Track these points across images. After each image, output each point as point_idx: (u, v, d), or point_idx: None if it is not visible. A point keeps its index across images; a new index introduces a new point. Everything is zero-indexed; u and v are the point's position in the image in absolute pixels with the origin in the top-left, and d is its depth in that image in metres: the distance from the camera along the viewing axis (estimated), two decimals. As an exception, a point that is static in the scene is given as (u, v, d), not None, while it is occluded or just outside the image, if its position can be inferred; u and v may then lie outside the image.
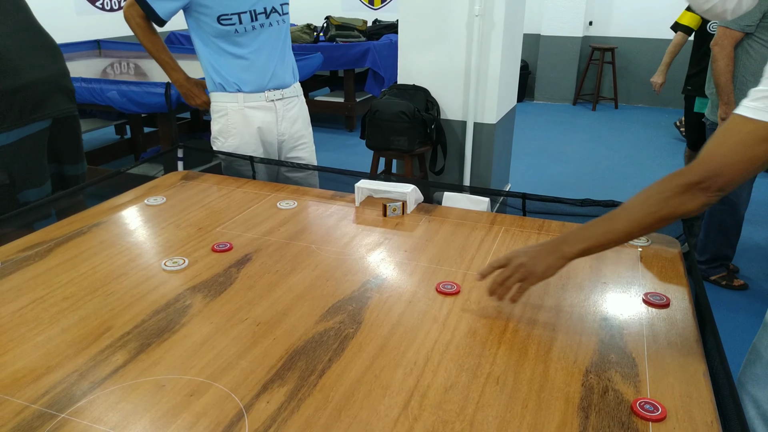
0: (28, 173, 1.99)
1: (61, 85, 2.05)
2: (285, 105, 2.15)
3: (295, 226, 1.56)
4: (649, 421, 0.87)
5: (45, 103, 1.97)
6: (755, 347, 1.35)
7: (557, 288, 1.24)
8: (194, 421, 0.87)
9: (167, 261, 1.34)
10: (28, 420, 0.87)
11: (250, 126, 2.10)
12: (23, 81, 1.90)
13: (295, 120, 2.19)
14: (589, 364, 0.99)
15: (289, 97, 2.16)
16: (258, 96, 2.08)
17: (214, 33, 1.99)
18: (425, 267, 1.34)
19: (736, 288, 2.87)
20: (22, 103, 1.90)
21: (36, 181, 2.01)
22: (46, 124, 2.01)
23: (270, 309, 1.16)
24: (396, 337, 1.07)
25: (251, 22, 1.98)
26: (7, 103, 1.86)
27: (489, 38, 2.92)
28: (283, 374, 0.97)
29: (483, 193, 1.72)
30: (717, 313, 1.73)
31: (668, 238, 1.48)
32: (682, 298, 1.21)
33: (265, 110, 2.11)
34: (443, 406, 0.90)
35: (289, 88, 2.16)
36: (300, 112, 2.22)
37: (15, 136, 1.91)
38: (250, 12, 1.96)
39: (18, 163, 1.94)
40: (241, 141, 2.11)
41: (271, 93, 2.09)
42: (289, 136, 2.19)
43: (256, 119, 2.10)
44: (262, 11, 2.00)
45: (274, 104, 2.11)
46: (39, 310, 1.15)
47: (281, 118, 2.15)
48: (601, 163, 4.87)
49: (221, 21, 1.94)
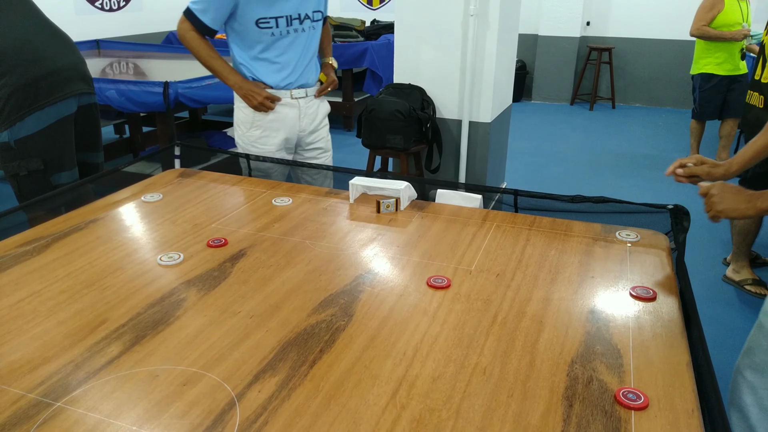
0: (60, 158, 2.13)
1: (81, 71, 2.19)
2: (307, 102, 2.25)
3: (289, 222, 1.58)
4: (632, 409, 0.89)
5: (69, 86, 2.12)
6: (755, 335, 1.38)
7: (546, 282, 1.26)
8: (187, 409, 0.89)
9: (163, 256, 1.37)
10: (25, 408, 0.89)
11: (273, 120, 2.19)
12: (47, 69, 2.04)
13: (315, 116, 2.30)
14: (575, 355, 1.02)
15: (311, 95, 2.26)
16: (284, 93, 2.18)
17: (250, 36, 2.08)
18: (417, 262, 1.36)
19: None
20: (47, 90, 2.04)
21: (67, 165, 2.16)
22: (71, 110, 2.14)
23: (263, 302, 1.18)
24: (386, 329, 1.09)
25: (287, 27, 2.09)
26: (33, 89, 2.01)
27: (484, 37, 2.94)
28: (274, 365, 0.99)
29: (475, 190, 1.74)
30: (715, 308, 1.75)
31: (657, 233, 1.50)
32: (669, 292, 1.23)
33: (289, 107, 2.21)
34: (430, 395, 0.92)
35: (313, 88, 2.27)
36: (320, 108, 2.32)
37: (44, 122, 2.05)
38: (287, 17, 2.08)
39: (50, 149, 2.08)
40: (263, 133, 2.20)
41: (297, 91, 2.20)
42: (308, 131, 2.30)
43: (279, 113, 2.19)
44: (297, 17, 2.10)
45: (297, 102, 2.21)
46: (36, 303, 1.17)
47: (303, 115, 2.24)
48: (598, 162, 4.90)
49: (259, 24, 2.05)
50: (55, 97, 2.05)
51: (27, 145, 2.03)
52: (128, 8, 6.13)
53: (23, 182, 2.08)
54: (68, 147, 2.16)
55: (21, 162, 2.04)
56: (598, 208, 1.61)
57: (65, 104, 2.10)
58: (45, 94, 2.03)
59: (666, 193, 4.04)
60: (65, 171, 2.15)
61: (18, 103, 1.99)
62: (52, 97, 2.05)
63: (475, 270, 1.31)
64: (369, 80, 5.55)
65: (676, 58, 6.62)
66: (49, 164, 2.09)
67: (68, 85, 2.11)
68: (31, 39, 2.03)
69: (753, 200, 1.30)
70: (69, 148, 2.16)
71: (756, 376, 1.40)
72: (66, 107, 2.10)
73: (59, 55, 2.10)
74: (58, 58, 2.09)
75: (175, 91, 3.14)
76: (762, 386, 1.39)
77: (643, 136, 5.70)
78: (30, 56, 2.01)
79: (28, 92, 2.00)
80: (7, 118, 2.00)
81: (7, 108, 1.99)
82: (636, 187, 4.31)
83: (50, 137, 2.08)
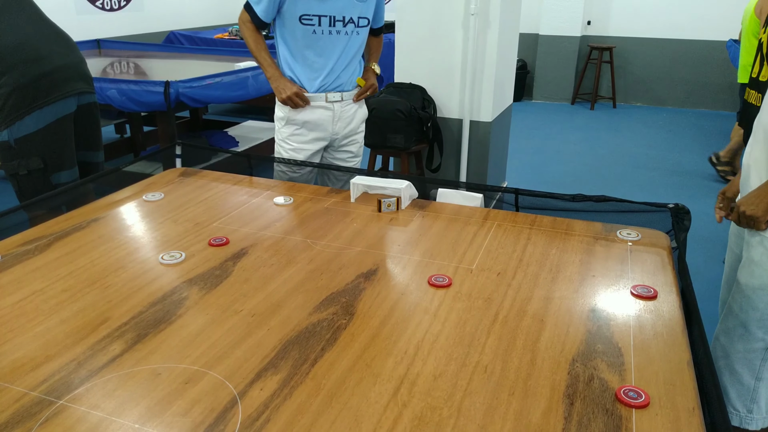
0: (60, 157, 2.13)
1: (81, 70, 2.20)
2: (343, 106, 2.26)
3: (291, 222, 1.58)
4: (633, 407, 0.89)
5: (69, 85, 2.12)
6: (730, 304, 1.48)
7: (547, 281, 1.26)
8: (189, 407, 0.89)
9: (164, 255, 1.37)
10: (27, 406, 0.89)
11: (307, 120, 2.21)
12: (47, 68, 2.05)
13: (350, 120, 2.31)
14: (576, 354, 1.02)
15: (348, 99, 2.27)
16: (319, 96, 2.20)
17: (294, 32, 2.11)
18: (418, 261, 1.36)
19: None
20: (47, 89, 2.05)
21: (66, 164, 2.16)
22: (71, 109, 2.15)
23: (265, 301, 1.18)
24: (387, 328, 1.09)
25: (329, 27, 2.11)
26: (33, 88, 2.01)
27: (485, 37, 2.94)
28: (276, 363, 0.99)
29: (476, 189, 1.74)
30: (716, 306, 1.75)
31: (658, 233, 1.50)
32: (670, 290, 1.23)
33: (324, 109, 2.22)
34: (432, 393, 0.92)
35: (349, 92, 2.27)
36: (357, 113, 2.33)
37: (44, 121, 2.05)
38: (330, 17, 2.10)
39: (49, 148, 2.09)
40: (296, 130, 2.22)
41: (332, 95, 2.21)
42: (342, 135, 2.31)
43: (313, 114, 2.21)
44: (341, 19, 2.12)
45: (332, 105, 2.22)
46: (38, 301, 1.18)
47: (337, 118, 2.26)
48: (599, 162, 4.90)
49: (302, 20, 2.08)
50: (54, 96, 2.06)
51: (27, 144, 2.04)
52: (129, 8, 6.13)
53: (23, 181, 2.09)
54: (68, 146, 2.16)
55: (21, 161, 2.04)
56: (599, 207, 1.61)
57: (65, 103, 2.10)
58: (45, 93, 2.04)
59: (667, 192, 4.04)
60: (65, 170, 2.16)
61: (18, 103, 2.00)
62: (51, 96, 2.05)
63: (476, 269, 1.32)
64: (370, 80, 5.55)
65: (678, 57, 6.62)
66: (49, 163, 2.10)
67: (68, 85, 2.11)
68: (31, 38, 2.04)
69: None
70: (69, 147, 2.17)
71: (727, 340, 1.46)
72: (66, 106, 2.11)
73: (59, 55, 2.11)
74: (58, 57, 2.10)
75: (175, 91, 3.14)
76: (732, 350, 1.45)
77: (644, 135, 5.69)
78: (30, 55, 2.01)
79: (28, 91, 2.00)
80: (7, 117, 2.00)
81: (7, 107, 1.99)
82: (637, 186, 4.30)
83: (50, 136, 2.08)
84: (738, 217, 1.41)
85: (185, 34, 6.20)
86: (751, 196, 1.38)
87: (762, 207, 1.35)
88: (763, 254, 1.38)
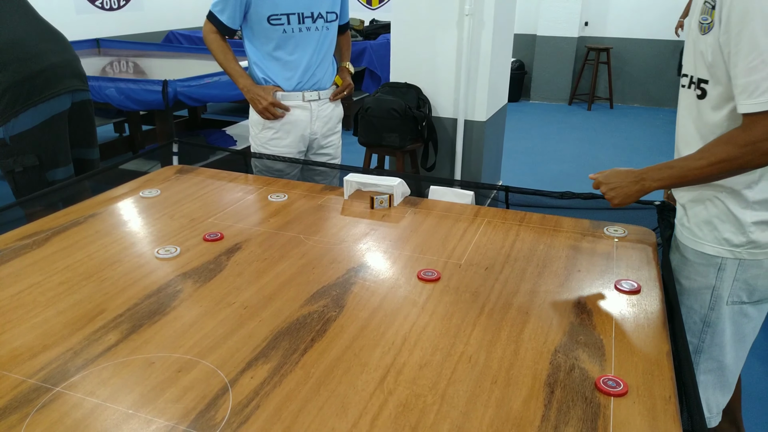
0: (55, 154, 2.16)
1: (74, 68, 2.22)
2: (320, 105, 2.25)
3: (284, 218, 1.61)
4: (611, 395, 0.92)
5: (62, 83, 2.15)
6: None
7: (533, 275, 1.29)
8: (181, 394, 0.92)
9: (160, 249, 1.40)
10: (25, 393, 0.92)
11: (284, 121, 2.21)
12: (41, 66, 2.07)
13: (328, 120, 2.30)
14: (559, 345, 1.05)
15: (325, 98, 2.27)
16: (296, 95, 2.19)
17: (263, 34, 2.11)
18: (408, 256, 1.39)
19: None
20: (41, 86, 2.07)
21: (62, 161, 2.19)
22: (65, 106, 2.17)
23: (257, 294, 1.21)
24: (376, 320, 1.12)
25: (299, 24, 2.11)
26: (27, 86, 2.04)
27: (479, 37, 2.97)
28: (267, 353, 1.02)
29: (467, 186, 1.77)
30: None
31: (644, 229, 1.53)
32: (653, 285, 1.26)
33: (301, 109, 2.21)
34: (417, 381, 0.95)
35: (326, 90, 2.26)
36: (334, 112, 2.32)
37: (39, 118, 2.08)
38: (299, 14, 2.10)
39: (45, 145, 2.11)
40: (275, 134, 2.22)
41: (309, 93, 2.21)
42: (321, 135, 2.30)
43: (291, 115, 2.21)
44: (309, 15, 2.12)
45: (310, 104, 2.22)
46: (36, 294, 1.21)
47: (315, 118, 2.25)
48: (596, 162, 4.93)
49: (271, 21, 2.07)
50: (49, 94, 2.08)
51: (21, 141, 2.06)
52: (128, 7, 6.16)
53: (19, 178, 2.11)
54: (63, 143, 2.18)
55: (16, 158, 2.07)
56: (588, 205, 1.64)
57: (59, 101, 2.13)
58: (38, 91, 2.06)
59: (664, 192, 4.06)
60: (60, 167, 2.18)
61: (12, 100, 2.02)
62: (46, 94, 2.08)
63: (464, 264, 1.35)
64: (368, 79, 5.58)
65: (674, 58, 6.64)
66: (44, 160, 2.12)
67: (61, 82, 2.14)
68: (24, 36, 2.06)
69: (640, 180, 1.26)
70: (63, 144, 2.19)
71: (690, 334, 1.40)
72: (59, 104, 2.13)
73: (52, 53, 2.13)
74: (52, 55, 2.12)
75: (174, 90, 3.16)
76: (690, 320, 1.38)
77: (641, 136, 5.72)
78: (23, 54, 2.04)
79: (22, 89, 2.03)
80: (2, 115, 2.03)
81: (2, 105, 2.02)
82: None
83: (44, 134, 2.11)
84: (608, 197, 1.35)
85: (184, 33, 6.23)
86: (612, 179, 1.32)
87: (630, 197, 1.29)
88: (680, 260, 1.35)
